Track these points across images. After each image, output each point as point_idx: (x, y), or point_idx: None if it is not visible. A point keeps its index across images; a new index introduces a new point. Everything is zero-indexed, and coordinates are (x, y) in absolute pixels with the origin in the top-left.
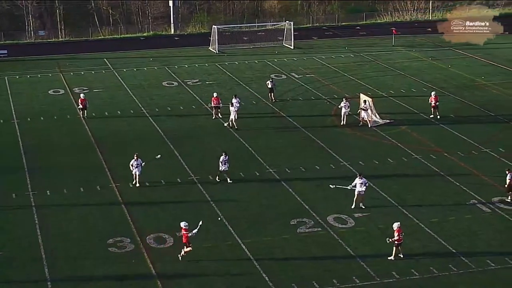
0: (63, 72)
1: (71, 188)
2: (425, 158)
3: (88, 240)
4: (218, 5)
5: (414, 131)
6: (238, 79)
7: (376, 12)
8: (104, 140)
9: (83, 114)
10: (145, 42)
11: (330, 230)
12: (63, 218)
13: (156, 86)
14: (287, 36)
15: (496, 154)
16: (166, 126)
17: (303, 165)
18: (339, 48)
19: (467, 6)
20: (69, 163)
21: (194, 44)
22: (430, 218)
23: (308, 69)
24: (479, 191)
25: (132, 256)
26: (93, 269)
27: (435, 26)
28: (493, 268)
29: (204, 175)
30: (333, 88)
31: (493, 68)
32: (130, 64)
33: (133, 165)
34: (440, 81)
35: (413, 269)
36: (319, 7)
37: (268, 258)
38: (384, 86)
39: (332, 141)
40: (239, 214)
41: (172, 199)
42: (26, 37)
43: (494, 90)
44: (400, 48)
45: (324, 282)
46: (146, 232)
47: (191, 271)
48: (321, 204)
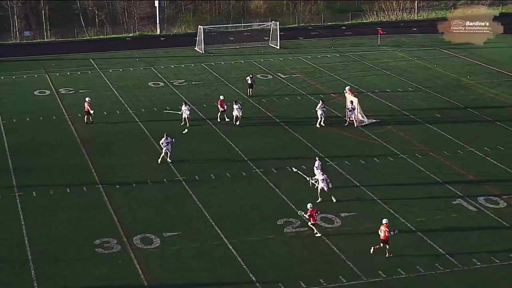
0: (49, 73)
1: (57, 189)
2: (411, 158)
3: (74, 241)
4: (204, 5)
5: (400, 131)
6: (224, 80)
7: (362, 12)
8: (90, 141)
9: (87, 120)
10: (131, 42)
11: (317, 230)
12: (50, 219)
13: (142, 86)
14: (273, 36)
15: (482, 153)
16: (152, 127)
17: (290, 165)
18: (325, 48)
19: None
20: (55, 163)
21: (180, 45)
22: (416, 218)
23: (294, 69)
24: (466, 190)
25: (119, 257)
26: (80, 270)
27: (420, 26)
28: (479, 267)
29: (190, 175)
30: (320, 88)
31: (478, 68)
32: (116, 64)
33: (163, 144)
34: (426, 80)
35: (399, 268)
36: (305, 7)
37: (255, 258)
38: (370, 85)
39: (318, 141)
40: (226, 214)
41: (158, 199)
42: (11, 37)
43: (479, 90)
44: (386, 48)
45: (310, 282)
46: (133, 233)
47: (178, 271)
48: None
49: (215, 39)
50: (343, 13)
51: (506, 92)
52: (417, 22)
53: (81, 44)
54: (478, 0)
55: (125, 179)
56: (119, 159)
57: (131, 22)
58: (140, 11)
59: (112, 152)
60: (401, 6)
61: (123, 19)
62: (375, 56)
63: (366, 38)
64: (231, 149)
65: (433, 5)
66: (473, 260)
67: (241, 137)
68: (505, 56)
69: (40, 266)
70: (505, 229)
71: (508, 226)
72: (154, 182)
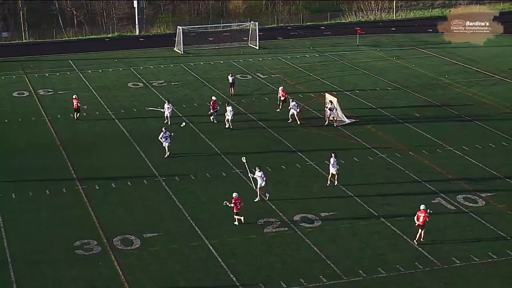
0: (27, 74)
1: (37, 191)
2: (390, 157)
3: (54, 243)
4: (183, 5)
5: (379, 130)
6: (204, 80)
7: (340, 12)
8: (69, 142)
9: (76, 116)
10: (110, 43)
11: (297, 230)
12: (29, 221)
13: (121, 87)
14: (252, 37)
15: (460, 152)
16: (131, 127)
17: (269, 165)
18: (304, 48)
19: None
20: (34, 165)
21: (159, 45)
22: (396, 216)
23: (273, 69)
24: (444, 189)
25: (99, 259)
26: (60, 271)
27: (399, 26)
28: (458, 265)
29: (170, 176)
30: (299, 88)
31: (456, 67)
32: (95, 65)
33: (162, 138)
34: (404, 80)
35: (379, 267)
36: (284, 7)
37: (235, 258)
38: (349, 85)
39: (298, 141)
40: (206, 214)
41: (138, 200)
42: None
43: (457, 89)
44: (364, 48)
45: (291, 282)
46: (113, 234)
47: (158, 272)
48: (287, 203)
49: (194, 39)
50: (322, 13)
51: (483, 91)
52: (396, 22)
53: (60, 45)
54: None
55: (105, 180)
56: (99, 160)
57: (110, 23)
58: (119, 11)
59: (91, 153)
60: (379, 6)
61: (102, 19)
62: (354, 56)
63: (345, 38)
64: (211, 149)
65: (411, 5)
66: (452, 259)
67: (221, 137)
68: (482, 56)
69: (19, 269)
70: (484, 228)
71: (487, 225)
72: (134, 182)
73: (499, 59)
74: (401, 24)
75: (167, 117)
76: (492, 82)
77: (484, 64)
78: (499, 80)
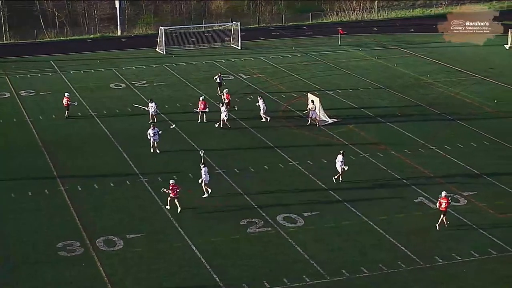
0: (9, 75)
1: (19, 192)
2: (372, 156)
3: (37, 244)
4: (165, 6)
5: (361, 130)
6: (186, 80)
7: (322, 12)
8: (52, 143)
9: (67, 114)
10: (92, 44)
11: (280, 230)
12: (12, 223)
13: (103, 88)
14: (234, 37)
15: (442, 151)
16: (114, 128)
17: (252, 165)
18: (286, 48)
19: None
20: (16, 166)
21: (141, 46)
22: (379, 216)
23: (255, 69)
24: (427, 188)
25: (82, 260)
26: (43, 273)
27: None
28: (441, 264)
29: (153, 176)
30: (281, 88)
31: (437, 67)
32: (77, 66)
33: (150, 134)
34: (386, 79)
35: (362, 267)
36: (266, 7)
37: (219, 258)
38: (331, 85)
39: (280, 141)
40: (189, 214)
41: (121, 201)
42: None
43: (439, 88)
44: (346, 48)
45: (275, 281)
46: (96, 235)
47: (142, 273)
48: (270, 204)
49: (176, 40)
50: (304, 13)
51: (465, 91)
52: (377, 22)
53: (41, 46)
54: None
55: (88, 181)
56: (81, 161)
57: (92, 24)
58: (101, 12)
59: (74, 154)
60: (361, 6)
61: (84, 20)
62: (336, 56)
63: (327, 38)
64: (193, 150)
65: (393, 5)
66: (435, 258)
67: (204, 138)
68: (463, 56)
69: (2, 270)
70: (466, 226)
71: (469, 223)
72: (117, 183)
73: (479, 58)
74: (382, 24)
75: (152, 115)
76: (474, 81)
77: (465, 64)
78: (480, 79)
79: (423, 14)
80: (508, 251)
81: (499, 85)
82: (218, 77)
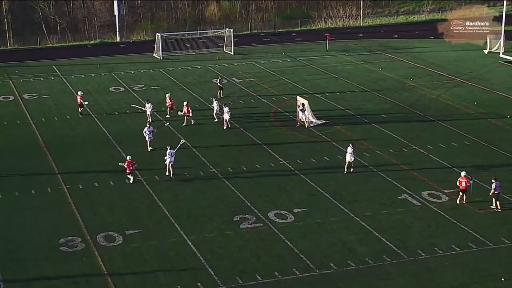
0: (13, 79)
1: (23, 191)
2: (358, 156)
3: (40, 241)
4: (162, 13)
5: (348, 131)
6: (182, 84)
7: (310, 19)
8: (54, 144)
9: (81, 111)
10: (92, 49)
11: (271, 225)
12: (16, 220)
13: (103, 91)
14: (228, 43)
15: (425, 151)
16: (113, 130)
17: (244, 164)
18: (277, 53)
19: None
20: (19, 166)
21: (139, 51)
22: (364, 212)
23: (247, 73)
24: (410, 185)
25: (83, 255)
26: (45, 268)
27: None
28: (423, 258)
29: (150, 175)
30: (272, 91)
31: (420, 71)
32: (78, 71)
33: (146, 132)
34: (372, 83)
35: (349, 260)
36: (257, 14)
37: (213, 253)
38: (319, 88)
39: (271, 141)
40: (184, 211)
41: (120, 198)
42: None
43: (421, 91)
44: (333, 53)
45: (266, 275)
46: (96, 231)
47: (140, 268)
48: (262, 201)
49: (172, 45)
50: (293, 20)
51: (446, 93)
52: (363, 28)
53: (44, 51)
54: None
55: (88, 180)
56: (83, 161)
57: (92, 30)
58: (100, 19)
59: (75, 154)
60: (347, 13)
61: (84, 27)
62: (324, 61)
63: (315, 43)
64: (189, 150)
65: (378, 12)
66: (418, 251)
67: (198, 138)
68: (444, 60)
69: (6, 266)
70: (447, 222)
71: (450, 219)
72: (116, 182)
73: (459, 62)
74: (368, 30)
75: (149, 115)
76: (454, 84)
77: (446, 68)
78: (460, 82)
79: (406, 21)
80: (487, 245)
81: (478, 88)
82: (218, 81)
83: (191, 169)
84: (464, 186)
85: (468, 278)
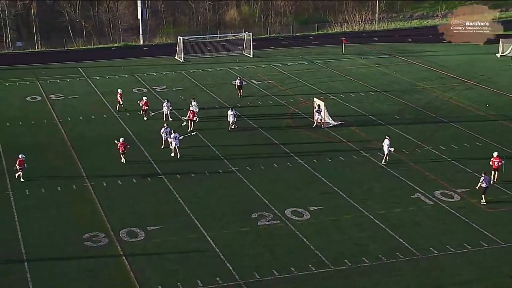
0: (40, 80)
1: (49, 188)
2: (373, 156)
3: (65, 235)
4: (183, 17)
5: (362, 131)
6: (202, 86)
7: (327, 23)
8: (78, 143)
9: (119, 108)
10: (116, 52)
11: (288, 223)
12: (42, 215)
13: (127, 92)
14: (247, 46)
15: (437, 151)
16: (136, 129)
17: (262, 163)
18: (294, 56)
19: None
20: (46, 164)
21: (161, 54)
22: (377, 210)
23: (266, 75)
24: (423, 185)
25: (106, 249)
26: (70, 261)
27: (381, 36)
28: (436, 255)
29: (172, 173)
30: (289, 92)
31: (433, 74)
32: (103, 72)
33: (163, 132)
34: (385, 85)
35: (363, 257)
36: (276, 19)
37: (231, 248)
38: (335, 90)
39: (288, 141)
40: (204, 209)
41: (143, 195)
42: (5, 48)
43: (433, 93)
44: (349, 56)
45: (282, 270)
46: (119, 227)
47: (160, 262)
48: (279, 199)
49: (193, 48)
50: (310, 24)
51: (457, 95)
52: (378, 32)
53: (70, 53)
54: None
55: (112, 177)
56: (107, 158)
57: (116, 33)
58: (124, 23)
59: (100, 152)
60: (363, 17)
61: (109, 30)
62: (339, 64)
63: (331, 47)
64: (209, 149)
65: (392, 16)
66: (430, 249)
67: (218, 138)
68: (455, 63)
69: (33, 260)
70: (459, 220)
71: (462, 218)
72: (139, 179)
73: (470, 65)
74: (383, 34)
75: (167, 115)
76: (466, 87)
77: (458, 71)
78: (472, 85)
79: (420, 25)
80: (498, 243)
81: (489, 91)
82: (238, 81)
83: (210, 167)
84: (496, 166)
85: (478, 276)
